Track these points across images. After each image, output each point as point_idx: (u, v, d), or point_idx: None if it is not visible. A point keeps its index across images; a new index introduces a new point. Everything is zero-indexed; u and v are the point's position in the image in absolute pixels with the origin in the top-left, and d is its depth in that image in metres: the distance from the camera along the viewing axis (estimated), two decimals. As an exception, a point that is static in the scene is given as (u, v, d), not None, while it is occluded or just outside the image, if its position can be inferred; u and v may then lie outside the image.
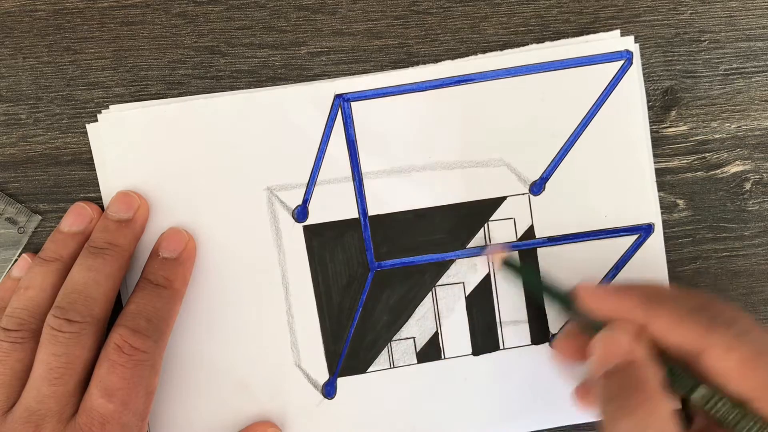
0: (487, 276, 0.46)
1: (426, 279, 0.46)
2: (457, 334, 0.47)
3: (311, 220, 0.46)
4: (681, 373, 0.37)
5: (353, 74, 0.45)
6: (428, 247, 0.46)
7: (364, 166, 0.45)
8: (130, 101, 0.45)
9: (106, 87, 0.45)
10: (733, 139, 0.46)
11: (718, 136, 0.46)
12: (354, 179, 0.45)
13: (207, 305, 0.45)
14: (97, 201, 0.45)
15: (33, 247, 0.46)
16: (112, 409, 0.39)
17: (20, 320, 0.41)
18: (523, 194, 0.46)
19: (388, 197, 0.46)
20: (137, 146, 0.45)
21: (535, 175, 0.46)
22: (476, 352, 0.47)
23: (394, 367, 0.47)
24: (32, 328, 0.41)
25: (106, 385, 0.40)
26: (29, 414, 0.39)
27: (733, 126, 0.46)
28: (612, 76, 0.45)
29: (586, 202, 0.46)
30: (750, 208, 0.47)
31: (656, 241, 0.46)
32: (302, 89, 0.45)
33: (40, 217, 0.46)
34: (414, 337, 0.47)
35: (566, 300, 0.41)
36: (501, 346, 0.47)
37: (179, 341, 0.45)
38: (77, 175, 0.45)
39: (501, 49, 0.45)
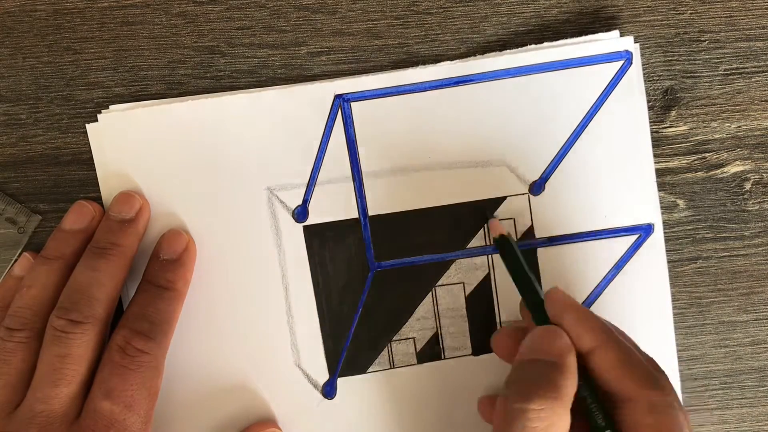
0: (487, 276, 0.46)
1: (426, 279, 0.46)
2: (457, 334, 0.47)
3: (311, 220, 0.46)
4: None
5: (353, 74, 0.45)
6: (428, 247, 0.46)
7: (364, 166, 0.45)
8: (130, 101, 0.45)
9: (106, 87, 0.45)
10: (733, 139, 0.46)
11: (718, 136, 0.46)
12: (354, 179, 0.45)
13: (207, 305, 0.45)
14: (97, 201, 0.45)
15: (33, 248, 0.46)
16: (116, 411, 0.39)
17: (24, 320, 0.41)
18: (523, 194, 0.46)
19: (389, 197, 0.46)
20: (137, 146, 0.45)
21: (535, 175, 0.46)
22: (476, 352, 0.47)
23: (394, 368, 0.47)
24: (36, 328, 0.41)
25: (110, 387, 0.40)
26: (34, 415, 0.39)
27: (733, 126, 0.46)
28: (612, 77, 0.45)
29: (586, 202, 0.46)
30: (750, 208, 0.47)
31: (656, 241, 0.46)
32: (302, 89, 0.45)
33: (40, 217, 0.46)
34: (414, 338, 0.47)
35: (535, 294, 0.42)
36: (501, 346, 0.47)
37: (179, 341, 0.45)
38: (77, 175, 0.45)
39: (501, 50, 0.45)
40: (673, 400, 0.37)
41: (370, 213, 0.46)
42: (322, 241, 0.46)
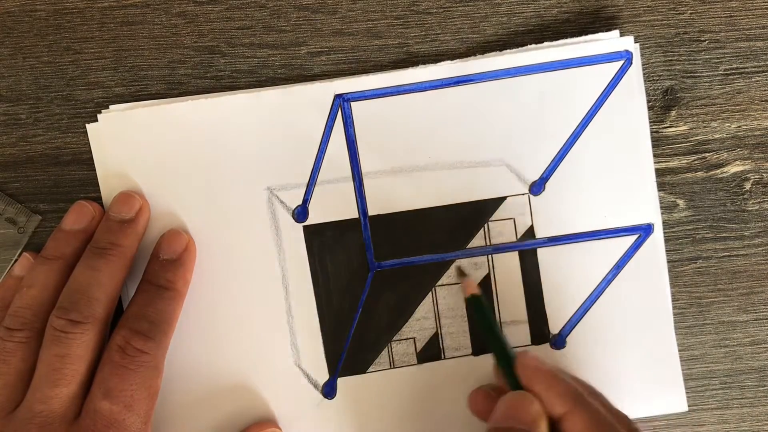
0: (487, 276, 0.46)
1: (426, 279, 0.46)
2: (457, 334, 0.47)
3: (311, 220, 0.46)
4: None
5: (353, 74, 0.45)
6: (428, 247, 0.46)
7: (364, 166, 0.45)
8: (130, 101, 0.45)
9: (106, 87, 0.45)
10: (733, 139, 0.46)
11: (718, 136, 0.46)
12: (354, 179, 0.45)
13: (207, 305, 0.45)
14: (97, 201, 0.45)
15: (33, 248, 0.46)
16: (116, 411, 0.39)
17: (24, 319, 0.41)
18: (523, 194, 0.46)
19: (389, 197, 0.46)
20: (137, 146, 0.45)
21: (535, 176, 0.46)
22: (476, 352, 0.47)
23: (394, 368, 0.46)
24: (36, 328, 0.41)
25: (109, 387, 0.40)
26: (33, 415, 0.39)
27: (733, 126, 0.46)
28: (612, 77, 0.45)
29: (586, 202, 0.46)
30: (750, 208, 0.47)
31: (656, 241, 0.46)
32: (302, 89, 0.45)
33: (40, 217, 0.46)
34: (414, 338, 0.46)
35: (506, 358, 0.42)
36: (501, 346, 0.47)
37: (179, 341, 0.45)
38: (77, 175, 0.45)
39: (501, 49, 0.45)
40: None
41: (370, 213, 0.46)
42: (322, 241, 0.46)
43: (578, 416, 0.39)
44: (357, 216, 0.46)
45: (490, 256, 0.46)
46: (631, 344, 0.46)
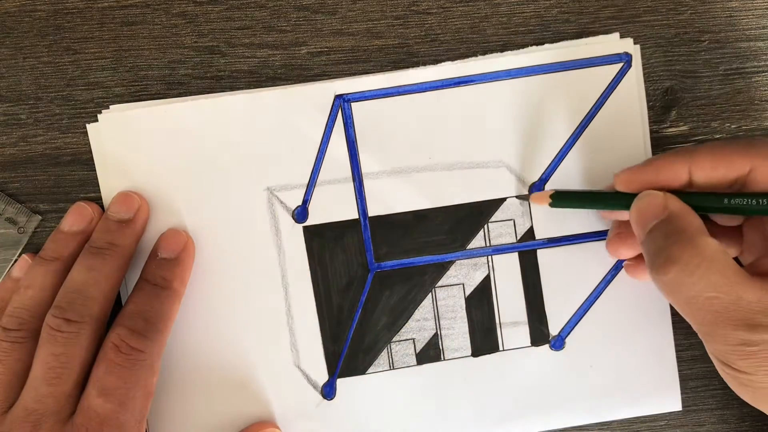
0: (487, 277, 0.46)
1: (426, 280, 0.46)
2: (456, 335, 0.46)
3: (311, 220, 0.46)
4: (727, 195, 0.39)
5: (353, 74, 0.45)
6: (428, 248, 0.46)
7: (365, 167, 0.45)
8: (130, 101, 0.45)
9: (106, 87, 0.45)
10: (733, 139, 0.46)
11: (718, 136, 0.46)
12: (354, 180, 0.45)
13: (206, 305, 0.45)
14: (97, 201, 0.45)
15: (33, 247, 0.46)
16: (110, 409, 0.39)
17: (20, 320, 0.41)
18: (523, 195, 0.46)
19: (388, 198, 0.46)
20: (137, 146, 0.45)
21: (535, 177, 0.46)
22: (476, 353, 0.47)
23: (393, 369, 0.46)
24: (32, 328, 0.41)
25: (104, 384, 0.40)
26: (27, 414, 0.39)
27: (733, 126, 0.46)
28: (611, 79, 0.45)
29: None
30: (750, 209, 0.47)
31: None
32: (302, 89, 0.45)
33: (40, 217, 0.46)
34: (413, 339, 0.46)
35: (614, 197, 0.42)
36: (500, 348, 0.47)
37: (179, 341, 0.45)
38: (77, 175, 0.45)
39: (501, 49, 0.45)
40: None
41: (370, 213, 0.46)
42: (322, 242, 0.46)
43: (702, 156, 0.39)
44: (357, 216, 0.46)
45: (489, 257, 0.46)
46: (630, 345, 0.46)
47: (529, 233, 0.46)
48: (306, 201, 0.45)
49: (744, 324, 0.35)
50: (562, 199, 0.43)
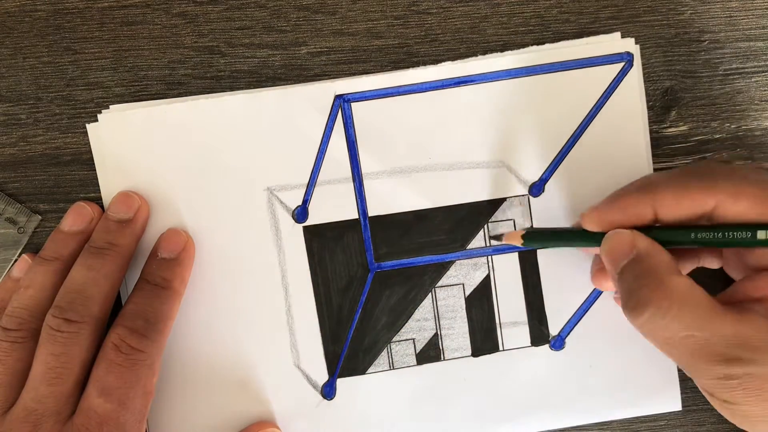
0: (487, 277, 0.46)
1: (426, 280, 0.46)
2: (456, 335, 0.46)
3: (311, 220, 0.46)
4: (735, 228, 0.38)
5: (353, 74, 0.45)
6: (428, 248, 0.46)
7: (365, 167, 0.45)
8: (130, 101, 0.45)
9: (106, 87, 0.45)
10: (733, 139, 0.46)
11: (718, 136, 0.46)
12: (354, 180, 0.45)
13: (206, 305, 0.45)
14: (97, 201, 0.45)
15: (33, 247, 0.46)
16: (110, 409, 0.39)
17: (20, 320, 0.41)
18: (523, 195, 0.46)
19: (389, 198, 0.46)
20: (137, 146, 0.45)
21: (535, 177, 0.46)
22: (476, 353, 0.47)
23: (393, 369, 0.46)
24: (32, 328, 0.41)
25: (104, 384, 0.40)
26: (27, 414, 0.39)
27: (733, 126, 0.46)
28: (612, 78, 0.45)
29: (585, 203, 0.46)
30: (750, 209, 0.47)
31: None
32: (302, 90, 0.45)
33: (40, 217, 0.46)
34: (413, 339, 0.46)
35: (584, 236, 0.42)
36: (500, 348, 0.47)
37: (179, 341, 0.45)
38: (77, 175, 0.45)
39: (501, 49, 0.45)
40: None
41: (370, 213, 0.46)
42: (322, 242, 0.46)
43: (666, 192, 0.39)
44: (357, 217, 0.46)
45: (489, 257, 0.46)
46: (629, 345, 0.46)
47: (529, 233, 0.46)
48: (306, 201, 0.45)
49: (722, 359, 0.35)
50: (535, 238, 0.44)
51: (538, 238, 0.44)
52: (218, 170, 0.45)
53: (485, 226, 0.46)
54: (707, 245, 0.39)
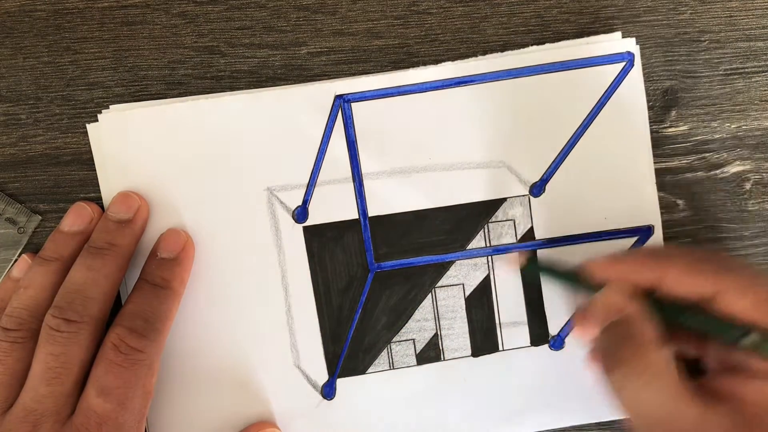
0: (487, 277, 0.46)
1: (426, 280, 0.46)
2: (456, 335, 0.46)
3: (311, 220, 0.46)
4: (727, 323, 0.38)
5: (353, 74, 0.45)
6: (428, 248, 0.46)
7: (365, 167, 0.45)
8: (130, 101, 0.45)
9: (106, 87, 0.45)
10: (733, 139, 0.46)
11: (718, 136, 0.46)
12: (354, 180, 0.45)
13: (206, 305, 0.45)
14: (97, 201, 0.45)
15: (33, 247, 0.46)
16: (109, 409, 0.39)
17: (20, 320, 0.41)
18: (524, 196, 0.46)
19: (389, 198, 0.46)
20: (137, 146, 0.45)
21: (536, 177, 0.46)
22: (476, 353, 0.47)
23: (393, 369, 0.46)
24: (32, 328, 0.41)
25: (103, 384, 0.40)
26: (27, 413, 0.39)
27: (733, 126, 0.46)
28: (613, 78, 0.45)
29: (586, 203, 0.46)
30: (750, 208, 0.47)
31: (656, 243, 0.46)
32: (302, 90, 0.45)
33: (40, 217, 0.46)
34: (413, 339, 0.46)
35: (582, 282, 0.42)
36: (500, 348, 0.47)
37: (179, 341, 0.45)
38: (77, 175, 0.45)
39: (501, 49, 0.45)
40: None
41: (370, 213, 0.46)
42: (322, 242, 0.46)
43: (673, 267, 0.39)
44: (357, 217, 0.46)
45: (489, 258, 0.46)
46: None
47: (529, 233, 0.46)
48: (306, 201, 0.45)
49: None
50: (536, 268, 0.45)
51: (540, 268, 0.45)
52: (218, 170, 0.45)
53: (485, 227, 0.46)
54: (699, 329, 0.39)
